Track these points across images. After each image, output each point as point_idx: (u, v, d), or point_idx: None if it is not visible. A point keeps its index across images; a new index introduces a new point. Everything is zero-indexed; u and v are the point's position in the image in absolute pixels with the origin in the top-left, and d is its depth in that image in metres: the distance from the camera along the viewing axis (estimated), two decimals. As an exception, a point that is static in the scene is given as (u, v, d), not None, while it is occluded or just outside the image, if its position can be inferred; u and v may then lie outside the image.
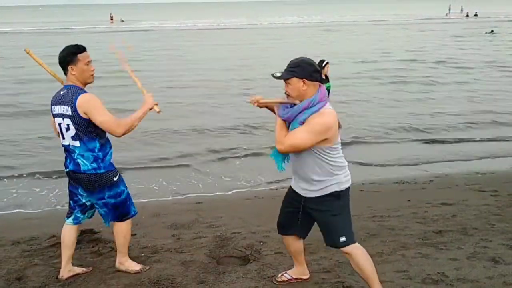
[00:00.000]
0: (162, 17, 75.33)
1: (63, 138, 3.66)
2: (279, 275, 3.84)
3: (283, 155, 3.30)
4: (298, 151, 3.17)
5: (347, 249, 3.31)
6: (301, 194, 3.37)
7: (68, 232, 3.96)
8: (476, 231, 4.77)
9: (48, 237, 4.82)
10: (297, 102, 3.18)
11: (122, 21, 64.82)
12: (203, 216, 5.51)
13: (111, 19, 65.23)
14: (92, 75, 3.70)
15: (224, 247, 4.51)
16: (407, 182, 6.83)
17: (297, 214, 3.44)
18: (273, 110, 3.40)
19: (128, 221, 3.96)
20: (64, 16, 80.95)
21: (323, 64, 8.64)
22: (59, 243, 4.61)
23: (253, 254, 4.33)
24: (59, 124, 3.63)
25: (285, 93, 3.24)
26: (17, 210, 6.11)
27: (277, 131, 3.21)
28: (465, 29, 39.40)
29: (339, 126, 3.22)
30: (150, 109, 3.78)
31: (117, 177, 3.79)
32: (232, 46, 29.15)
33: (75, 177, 3.72)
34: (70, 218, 3.96)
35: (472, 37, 32.09)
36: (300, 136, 3.09)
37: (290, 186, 3.50)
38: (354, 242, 3.33)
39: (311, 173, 3.24)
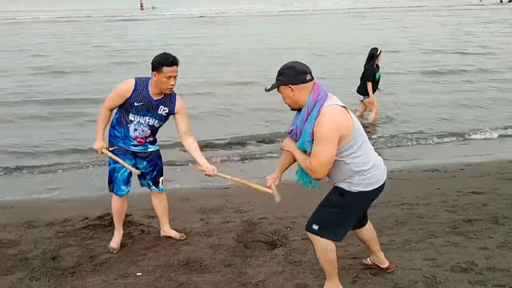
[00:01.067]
0: (192, 3, 73.94)
1: None
2: (365, 257, 3.90)
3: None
4: (331, 164, 3.01)
5: (311, 236, 3.27)
6: None
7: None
8: (507, 220, 4.68)
9: (81, 219, 4.96)
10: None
11: (153, 8, 63.20)
12: (230, 201, 5.58)
13: (141, 6, 63.79)
14: (169, 89, 3.90)
15: (252, 232, 4.57)
16: (437, 170, 6.72)
17: None
18: None
19: (113, 197, 4.33)
20: (91, 3, 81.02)
21: (377, 53, 8.72)
22: (92, 225, 4.81)
23: (280, 240, 4.37)
24: None
25: (285, 103, 3.19)
26: (52, 194, 6.28)
27: (302, 162, 3.11)
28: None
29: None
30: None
31: (112, 148, 4.15)
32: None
33: None
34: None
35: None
36: (320, 151, 2.95)
37: None
38: (324, 237, 3.21)
39: (335, 177, 3.21)
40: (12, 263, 4.04)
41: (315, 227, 3.23)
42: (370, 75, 8.80)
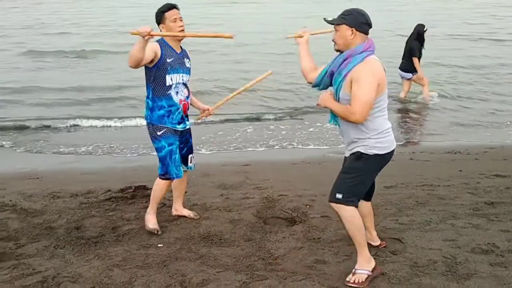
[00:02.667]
0: None
1: None
2: None
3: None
4: (370, 109, 3.08)
5: (336, 206, 3.27)
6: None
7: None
8: (531, 204, 4.62)
9: (104, 191, 5.06)
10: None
11: None
12: (250, 178, 5.61)
13: None
14: (179, 29, 3.84)
15: (271, 208, 4.59)
16: (459, 152, 6.64)
17: None
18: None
19: (162, 182, 4.07)
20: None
21: (424, 29, 8.89)
22: (115, 197, 4.90)
23: (299, 216, 4.39)
24: None
25: (332, 40, 3.23)
26: (75, 166, 6.41)
27: (341, 112, 3.14)
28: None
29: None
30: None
31: (161, 132, 3.94)
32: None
33: None
34: None
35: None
36: (361, 92, 3.01)
37: None
38: (349, 204, 3.24)
39: (351, 134, 3.26)
40: (38, 231, 4.15)
41: (339, 196, 3.26)
42: (415, 51, 8.76)
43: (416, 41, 8.83)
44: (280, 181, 5.47)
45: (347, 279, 3.32)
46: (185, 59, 4.03)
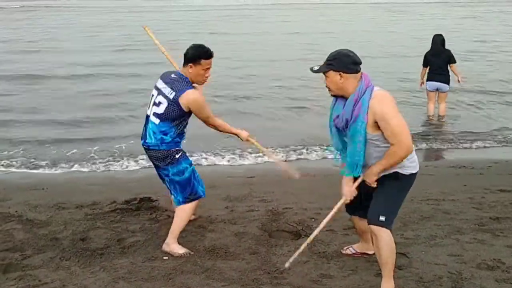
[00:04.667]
0: None
1: (149, 107, 3.93)
2: (345, 248, 3.96)
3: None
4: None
5: (378, 230, 3.22)
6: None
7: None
8: (537, 220, 4.61)
9: (109, 203, 5.07)
10: None
11: None
12: (255, 190, 5.62)
13: None
14: (205, 80, 3.92)
15: (276, 221, 4.60)
16: (464, 166, 6.63)
17: (360, 196, 3.44)
18: None
19: (191, 205, 4.02)
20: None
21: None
22: (120, 209, 4.91)
23: (304, 230, 4.40)
24: (153, 95, 3.90)
25: (326, 87, 3.25)
26: (80, 176, 6.42)
27: (386, 164, 3.15)
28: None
29: None
30: (242, 139, 4.20)
31: (179, 154, 3.93)
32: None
33: (146, 152, 4.00)
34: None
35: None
36: (397, 125, 3.02)
37: None
38: (389, 228, 3.26)
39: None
40: (43, 243, 4.16)
41: (382, 218, 3.22)
42: (454, 57, 8.69)
43: (447, 49, 8.69)
44: (285, 193, 5.48)
45: None
46: None
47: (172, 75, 3.89)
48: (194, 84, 3.88)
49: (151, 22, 20.69)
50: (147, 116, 3.93)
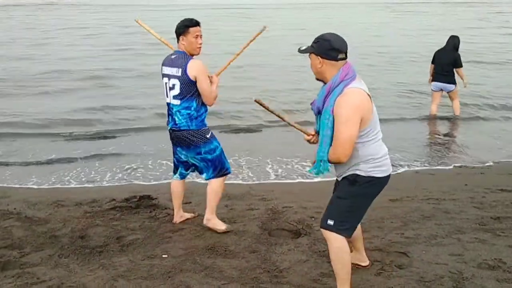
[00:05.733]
0: None
1: (167, 96, 4.11)
2: None
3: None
4: (353, 145, 2.91)
5: (327, 234, 3.10)
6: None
7: (176, 186, 4.48)
8: (538, 219, 4.59)
9: (109, 200, 5.06)
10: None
11: None
12: (255, 189, 5.60)
13: None
14: (198, 47, 4.06)
15: (276, 220, 4.58)
16: (465, 166, 6.62)
17: None
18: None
19: (221, 179, 4.26)
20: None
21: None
22: (119, 207, 4.89)
23: (304, 229, 4.37)
24: (165, 84, 4.08)
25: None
26: (79, 174, 6.39)
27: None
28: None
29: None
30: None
31: (209, 134, 4.15)
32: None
33: (174, 135, 4.14)
34: (176, 174, 4.45)
35: None
36: (343, 131, 2.86)
37: None
38: (340, 233, 3.07)
39: (343, 167, 3.11)
40: (42, 240, 4.14)
41: (331, 222, 3.08)
42: (461, 61, 8.69)
43: (457, 52, 8.70)
44: (285, 192, 5.46)
45: None
46: None
47: (172, 56, 4.06)
48: (194, 57, 4.05)
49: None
50: (168, 104, 4.12)
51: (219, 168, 4.22)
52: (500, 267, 3.67)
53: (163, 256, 3.88)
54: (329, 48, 2.94)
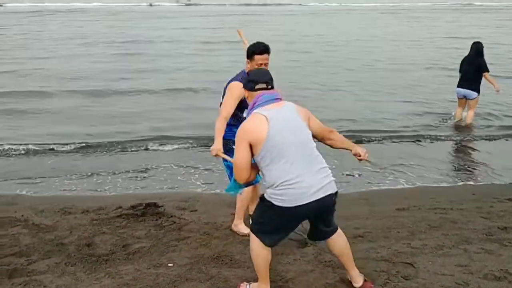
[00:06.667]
0: None
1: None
2: None
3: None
4: (244, 168, 3.12)
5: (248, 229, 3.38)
6: None
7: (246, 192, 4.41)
8: (545, 230, 4.56)
9: (115, 208, 5.07)
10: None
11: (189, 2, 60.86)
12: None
13: None
14: None
15: (282, 229, 4.57)
16: (474, 180, 6.58)
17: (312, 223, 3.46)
18: None
19: (248, 188, 4.25)
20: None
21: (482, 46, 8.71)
22: (125, 214, 4.92)
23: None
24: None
25: None
26: (85, 181, 6.43)
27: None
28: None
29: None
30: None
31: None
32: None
33: None
34: None
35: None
36: (234, 157, 3.18)
37: None
38: (256, 236, 3.22)
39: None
40: (49, 248, 4.16)
41: (251, 221, 3.39)
42: (486, 66, 8.59)
43: (481, 57, 8.62)
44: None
45: None
46: None
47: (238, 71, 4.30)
48: None
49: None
50: None
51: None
52: (506, 278, 3.64)
53: (169, 265, 3.89)
54: (247, 80, 3.33)
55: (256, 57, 4.02)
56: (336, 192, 3.21)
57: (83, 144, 7.85)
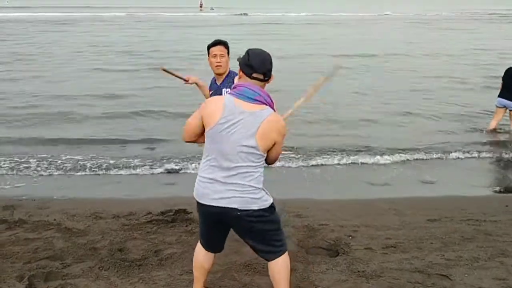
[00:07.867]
0: (255, 5, 68.82)
1: None
2: None
3: None
4: (186, 130, 3.11)
5: None
6: None
7: None
8: None
9: (145, 213, 5.11)
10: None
11: (212, 9, 59.10)
12: (289, 205, 5.55)
13: (201, 6, 61.87)
14: (216, 66, 4.22)
15: (313, 238, 4.54)
16: (504, 187, 6.46)
17: None
18: None
19: None
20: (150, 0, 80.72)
21: None
22: (156, 220, 4.94)
23: (342, 248, 4.33)
24: None
25: None
26: (116, 186, 6.49)
27: None
28: None
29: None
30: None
31: None
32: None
33: None
34: None
35: None
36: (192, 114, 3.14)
37: None
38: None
39: None
40: (83, 252, 4.21)
41: None
42: None
43: None
44: (320, 209, 5.42)
45: None
46: (223, 88, 4.26)
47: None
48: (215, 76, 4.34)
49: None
50: None
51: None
52: (547, 293, 3.55)
53: (201, 271, 3.88)
54: (245, 62, 2.98)
55: (211, 49, 4.18)
56: (249, 210, 2.98)
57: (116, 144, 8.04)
